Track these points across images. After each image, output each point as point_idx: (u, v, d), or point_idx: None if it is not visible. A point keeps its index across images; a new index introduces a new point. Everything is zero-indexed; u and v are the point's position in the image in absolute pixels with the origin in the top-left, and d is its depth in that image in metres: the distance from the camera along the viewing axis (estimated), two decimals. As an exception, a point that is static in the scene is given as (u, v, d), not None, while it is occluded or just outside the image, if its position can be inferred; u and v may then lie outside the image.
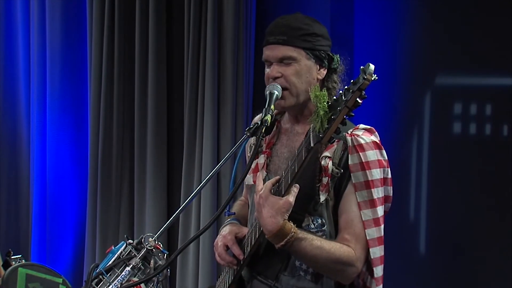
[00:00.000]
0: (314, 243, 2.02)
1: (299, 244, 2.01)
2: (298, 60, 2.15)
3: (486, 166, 3.69)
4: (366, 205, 2.07)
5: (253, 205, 2.29)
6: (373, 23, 4.00)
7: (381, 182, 2.10)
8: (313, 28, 2.16)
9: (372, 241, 2.07)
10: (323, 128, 1.91)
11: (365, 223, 2.07)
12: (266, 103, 2.13)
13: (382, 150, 2.11)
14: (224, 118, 4.34)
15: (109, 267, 2.05)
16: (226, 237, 2.25)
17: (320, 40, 2.17)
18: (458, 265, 3.77)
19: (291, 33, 2.14)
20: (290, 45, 2.14)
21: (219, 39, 4.33)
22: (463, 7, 3.75)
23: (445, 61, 3.84)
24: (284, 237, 2.00)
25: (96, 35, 4.64)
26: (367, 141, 2.08)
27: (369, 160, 2.06)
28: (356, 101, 1.85)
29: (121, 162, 4.68)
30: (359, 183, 2.07)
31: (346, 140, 2.08)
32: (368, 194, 2.07)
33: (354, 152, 2.07)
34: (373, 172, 2.07)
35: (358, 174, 2.07)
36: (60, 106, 4.85)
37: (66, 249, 4.88)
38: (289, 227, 2.00)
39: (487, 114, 3.71)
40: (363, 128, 2.13)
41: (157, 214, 4.51)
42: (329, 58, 2.19)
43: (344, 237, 2.08)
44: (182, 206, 2.17)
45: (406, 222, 3.87)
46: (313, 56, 2.16)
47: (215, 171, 2.22)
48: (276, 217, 1.99)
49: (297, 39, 2.14)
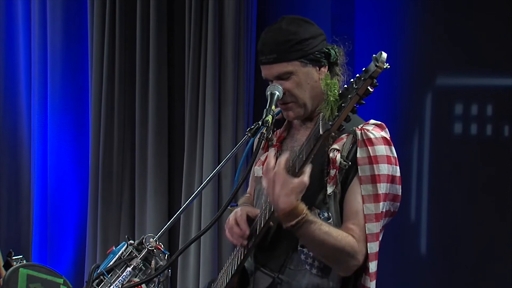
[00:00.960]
0: (322, 228, 1.99)
1: (308, 227, 1.97)
2: (295, 72, 2.13)
3: (487, 166, 3.69)
4: (370, 199, 2.05)
5: (258, 196, 2.29)
6: (374, 24, 4.00)
7: (388, 178, 2.08)
8: (299, 35, 2.12)
9: (370, 236, 2.06)
10: (333, 116, 1.89)
11: (367, 216, 2.05)
12: (267, 103, 2.13)
13: (391, 146, 2.09)
14: (225, 119, 4.34)
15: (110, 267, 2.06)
16: (237, 213, 2.20)
17: (310, 43, 2.13)
18: (459, 265, 3.77)
19: (279, 48, 2.11)
20: (282, 62, 2.12)
21: (220, 40, 4.33)
22: (464, 8, 3.75)
23: (446, 62, 3.84)
24: (295, 217, 1.95)
25: (97, 35, 4.64)
26: (377, 136, 2.07)
27: (378, 155, 2.05)
28: (367, 89, 1.83)
29: (122, 163, 4.68)
30: (365, 177, 2.05)
31: (355, 133, 2.07)
32: (373, 188, 2.05)
33: (363, 145, 2.05)
34: (381, 166, 2.05)
35: (365, 168, 2.05)
36: (61, 107, 4.85)
37: (67, 250, 4.88)
38: (302, 208, 1.96)
39: (488, 114, 3.71)
40: (373, 123, 2.12)
41: (158, 215, 4.51)
42: (325, 54, 2.16)
43: (348, 227, 2.06)
44: (183, 206, 2.17)
45: (407, 222, 3.87)
46: (309, 61, 2.13)
47: (216, 172, 2.22)
48: (290, 196, 1.93)
49: (287, 53, 2.11)
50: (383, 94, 3.77)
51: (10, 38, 5.00)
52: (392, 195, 2.12)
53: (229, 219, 2.23)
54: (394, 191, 2.13)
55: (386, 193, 2.09)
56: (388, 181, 2.09)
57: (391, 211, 2.15)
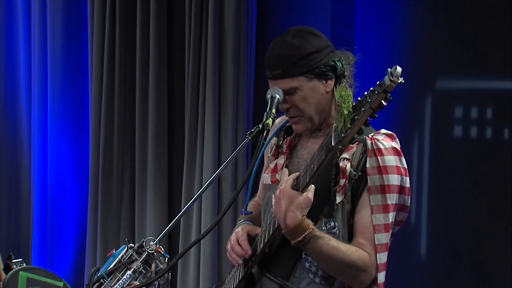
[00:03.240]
0: (330, 243, 2.00)
1: (315, 242, 1.99)
2: (300, 87, 2.11)
3: (487, 169, 3.69)
4: (379, 209, 2.05)
5: (267, 204, 2.29)
6: (374, 27, 4.00)
7: (397, 189, 2.07)
8: (304, 49, 2.10)
9: (380, 247, 2.05)
10: (346, 128, 1.90)
11: (376, 227, 2.05)
12: (268, 107, 2.12)
13: (401, 157, 2.08)
14: (225, 122, 4.34)
15: (110, 270, 2.05)
16: (238, 233, 2.23)
17: (316, 57, 2.10)
18: (459, 268, 3.77)
19: (284, 64, 2.10)
20: (286, 77, 2.11)
21: (220, 43, 4.33)
22: (464, 11, 3.75)
23: (446, 64, 3.84)
24: (302, 233, 1.97)
25: (97, 38, 4.64)
26: (387, 146, 2.06)
27: (387, 165, 2.04)
28: (381, 103, 1.84)
29: (122, 166, 4.68)
30: (375, 187, 2.05)
31: (366, 143, 2.06)
32: (383, 199, 2.05)
33: (373, 155, 2.05)
34: (390, 177, 2.04)
35: (375, 178, 2.05)
36: (61, 110, 4.84)
37: (67, 253, 4.88)
38: (307, 224, 1.98)
39: (488, 117, 3.71)
40: (384, 133, 2.11)
41: (158, 218, 4.51)
42: (332, 68, 2.13)
43: (359, 242, 2.06)
44: (183, 210, 2.17)
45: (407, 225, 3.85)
46: (314, 75, 2.11)
47: (216, 175, 2.22)
48: (296, 212, 1.96)
49: (291, 69, 2.10)
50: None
51: (10, 41, 4.99)
52: (400, 205, 2.13)
53: (230, 239, 2.26)
54: (403, 201, 2.13)
55: (396, 203, 2.09)
56: (398, 192, 2.08)
57: (397, 220, 2.15)
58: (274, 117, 2.10)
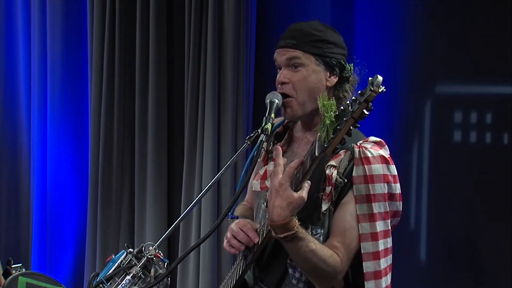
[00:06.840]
0: (310, 246, 2.00)
1: (296, 242, 1.99)
2: (306, 65, 2.14)
3: (487, 174, 3.69)
4: (365, 218, 2.05)
5: (258, 211, 2.29)
6: (373, 31, 4.01)
7: (385, 197, 2.08)
8: (325, 35, 2.15)
9: (366, 255, 2.06)
10: (328, 138, 1.90)
11: (362, 236, 2.06)
12: (267, 111, 2.13)
13: (389, 164, 2.09)
14: (224, 126, 4.34)
15: (110, 276, 2.05)
16: (240, 222, 2.22)
17: (331, 48, 2.16)
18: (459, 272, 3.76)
19: (301, 38, 2.15)
20: (298, 49, 2.15)
21: (219, 47, 4.34)
22: (464, 15, 3.76)
23: (446, 69, 3.85)
24: (285, 232, 1.97)
25: (97, 43, 4.64)
26: (375, 155, 2.06)
27: (374, 174, 2.05)
28: (362, 113, 1.82)
29: (121, 170, 4.68)
30: (360, 196, 2.05)
31: (353, 151, 2.06)
32: (368, 208, 2.05)
33: (360, 164, 2.05)
34: (376, 186, 2.05)
35: (361, 187, 2.05)
36: (60, 114, 4.85)
37: (67, 258, 4.87)
38: (293, 224, 1.97)
39: (488, 122, 3.71)
40: (373, 141, 2.12)
41: (157, 223, 4.51)
42: (340, 66, 2.17)
43: (334, 244, 2.06)
44: (183, 214, 2.17)
45: (407, 229, 3.86)
46: (323, 63, 2.15)
47: (216, 180, 2.22)
48: (285, 210, 1.95)
49: (306, 44, 2.14)
50: (382, 102, 3.77)
51: (10, 46, 5.00)
52: (393, 211, 2.13)
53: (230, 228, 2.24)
54: (394, 207, 2.13)
55: (384, 211, 2.09)
56: (386, 200, 2.08)
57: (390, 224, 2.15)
58: (273, 122, 2.11)
